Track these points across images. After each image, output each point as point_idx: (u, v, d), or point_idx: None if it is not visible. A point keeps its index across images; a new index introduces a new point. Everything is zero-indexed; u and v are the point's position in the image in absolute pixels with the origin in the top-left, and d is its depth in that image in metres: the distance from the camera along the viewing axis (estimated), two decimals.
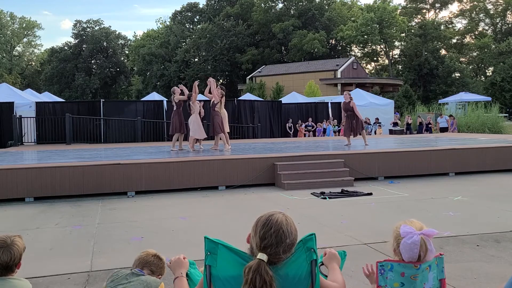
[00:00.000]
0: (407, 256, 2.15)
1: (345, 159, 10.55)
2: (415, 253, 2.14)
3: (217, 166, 9.84)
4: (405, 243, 2.15)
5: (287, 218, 1.97)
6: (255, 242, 1.90)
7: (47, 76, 61.76)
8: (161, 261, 2.71)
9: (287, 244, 1.91)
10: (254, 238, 1.92)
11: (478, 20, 62.54)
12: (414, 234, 2.15)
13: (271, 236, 1.88)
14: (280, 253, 1.89)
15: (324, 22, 56.74)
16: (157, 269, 2.66)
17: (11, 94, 19.65)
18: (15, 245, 2.41)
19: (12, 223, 6.99)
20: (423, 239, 2.15)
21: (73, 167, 9.15)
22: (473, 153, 11.73)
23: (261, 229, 1.91)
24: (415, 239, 2.13)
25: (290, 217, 2.00)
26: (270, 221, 1.92)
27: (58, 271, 4.66)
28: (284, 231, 1.91)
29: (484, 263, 4.71)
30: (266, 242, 1.88)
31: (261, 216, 1.98)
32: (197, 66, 56.43)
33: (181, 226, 6.59)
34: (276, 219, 1.94)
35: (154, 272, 2.64)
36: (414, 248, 2.13)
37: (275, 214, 1.97)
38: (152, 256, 2.68)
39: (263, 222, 1.93)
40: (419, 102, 38.14)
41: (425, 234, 2.17)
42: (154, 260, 2.67)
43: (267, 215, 1.96)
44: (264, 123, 21.85)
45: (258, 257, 1.85)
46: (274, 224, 1.91)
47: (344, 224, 6.47)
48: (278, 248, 1.88)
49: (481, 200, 8.24)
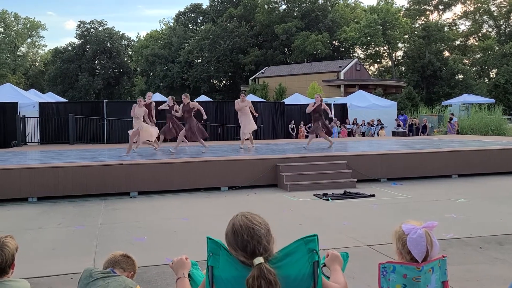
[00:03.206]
0: (416, 251, 2.16)
1: (348, 161, 10.53)
2: (423, 247, 2.15)
3: (219, 167, 9.84)
4: (411, 239, 2.17)
5: (244, 215, 1.96)
6: (242, 255, 1.89)
7: (50, 76, 61.89)
8: (130, 259, 2.70)
9: (264, 234, 1.90)
10: (238, 252, 1.90)
11: (482, 22, 62.36)
12: (418, 229, 2.19)
13: (249, 241, 1.87)
14: (267, 246, 1.89)
15: (327, 24, 56.69)
16: (127, 266, 2.65)
17: (15, 94, 19.70)
18: (6, 246, 2.38)
19: (14, 223, 7.00)
20: (427, 232, 2.19)
21: (76, 167, 9.17)
22: (476, 155, 11.70)
23: (236, 242, 1.89)
24: (420, 232, 2.17)
25: (245, 212, 1.99)
26: (236, 230, 1.90)
27: (61, 271, 4.67)
28: (254, 227, 1.90)
29: (487, 265, 4.69)
30: (249, 248, 1.87)
31: (226, 232, 1.96)
32: (200, 67, 56.46)
33: (184, 226, 6.60)
34: (238, 224, 1.92)
35: (126, 270, 2.63)
36: (421, 242, 2.15)
37: (234, 221, 1.95)
38: (120, 255, 2.68)
39: (233, 235, 1.91)
40: (422, 104, 38.06)
41: (427, 227, 2.21)
42: (122, 258, 2.66)
43: (230, 228, 1.94)
44: (267, 124, 21.84)
45: (255, 263, 1.85)
46: (241, 229, 1.90)
47: (347, 226, 6.46)
48: (261, 243, 1.88)
49: (484, 202, 8.21)
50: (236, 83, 57.29)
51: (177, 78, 57.40)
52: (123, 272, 2.59)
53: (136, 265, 2.72)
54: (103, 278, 2.42)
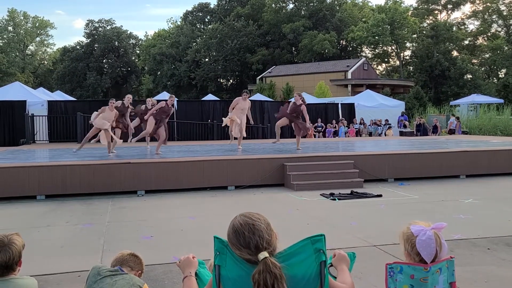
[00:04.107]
0: (426, 253, 2.15)
1: (355, 161, 10.50)
2: (432, 248, 2.14)
3: (226, 166, 9.86)
4: (420, 240, 2.16)
5: (242, 215, 1.97)
6: (246, 253, 1.90)
7: (59, 75, 62.21)
8: (138, 258, 2.72)
9: (265, 229, 1.92)
10: (242, 251, 1.91)
11: (491, 21, 61.84)
12: (427, 230, 2.17)
13: (251, 237, 1.89)
14: (269, 240, 1.91)
15: (335, 23, 56.51)
16: (135, 265, 2.67)
17: (23, 93, 19.84)
18: (13, 243, 2.39)
19: (23, 221, 7.06)
20: (436, 233, 2.18)
21: (84, 165, 9.23)
22: (484, 155, 11.63)
23: (238, 241, 1.90)
24: (429, 234, 2.15)
25: (243, 212, 2.00)
26: (237, 229, 1.92)
27: (69, 268, 4.70)
28: (254, 223, 1.92)
29: (495, 266, 4.67)
30: (252, 244, 1.88)
31: (227, 234, 1.97)
32: (207, 66, 56.51)
33: (190, 225, 6.62)
34: (238, 223, 1.94)
35: (133, 268, 2.64)
36: (431, 243, 2.14)
37: (233, 222, 1.97)
38: (127, 254, 2.70)
39: (234, 234, 1.92)
40: (430, 103, 37.86)
41: (436, 228, 2.20)
42: (130, 257, 2.68)
43: (230, 228, 1.95)
44: (274, 123, 21.81)
45: (260, 258, 1.85)
46: (242, 227, 1.91)
47: (354, 226, 6.44)
48: (263, 238, 1.89)
49: (492, 203, 8.16)
50: (243, 82, 57.27)
51: (184, 77, 57.48)
52: (131, 271, 2.61)
53: (144, 264, 2.74)
54: (111, 276, 2.44)
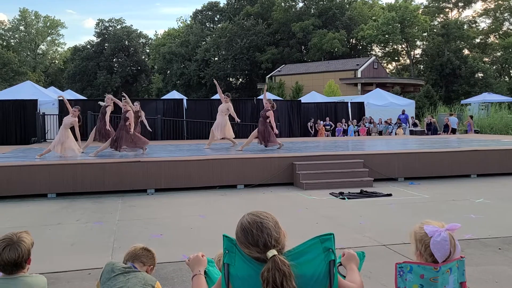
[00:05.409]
0: (440, 254, 2.13)
1: (365, 160, 10.46)
2: (446, 250, 2.13)
3: (236, 165, 9.87)
4: (435, 241, 2.13)
5: (250, 213, 1.98)
6: (255, 251, 1.90)
7: (69, 74, 62.65)
8: (150, 252, 2.73)
9: (273, 226, 1.92)
10: (251, 249, 1.91)
11: (503, 19, 61.20)
12: (441, 231, 2.15)
13: (259, 235, 1.89)
14: (277, 237, 1.91)
15: (344, 21, 56.28)
16: (147, 260, 2.69)
17: (35, 92, 20.00)
18: (22, 241, 2.40)
19: (34, 218, 7.13)
20: (450, 234, 2.16)
21: (94, 164, 9.29)
22: (496, 154, 11.52)
23: (247, 239, 1.90)
24: (444, 236, 2.13)
25: (251, 211, 2.00)
26: (246, 228, 1.92)
27: (79, 266, 4.74)
28: (262, 221, 1.92)
29: (506, 266, 4.63)
30: (261, 242, 1.89)
31: (235, 233, 1.97)
32: (217, 65, 56.58)
33: (200, 224, 6.64)
34: (246, 221, 1.94)
35: (145, 264, 2.66)
36: (445, 245, 2.12)
37: (241, 221, 1.97)
38: (140, 249, 2.71)
39: (243, 232, 1.92)
40: (440, 102, 37.57)
41: (450, 229, 2.17)
42: (142, 252, 2.69)
43: (239, 227, 1.95)
44: (283, 122, 21.80)
45: (269, 256, 1.86)
46: (250, 226, 1.91)
47: (363, 225, 6.42)
48: (271, 236, 1.89)
49: (504, 202, 8.09)
50: (252, 81, 57.27)
51: (193, 76, 57.60)
52: (143, 266, 2.62)
53: (156, 259, 2.76)
54: (124, 273, 2.46)
